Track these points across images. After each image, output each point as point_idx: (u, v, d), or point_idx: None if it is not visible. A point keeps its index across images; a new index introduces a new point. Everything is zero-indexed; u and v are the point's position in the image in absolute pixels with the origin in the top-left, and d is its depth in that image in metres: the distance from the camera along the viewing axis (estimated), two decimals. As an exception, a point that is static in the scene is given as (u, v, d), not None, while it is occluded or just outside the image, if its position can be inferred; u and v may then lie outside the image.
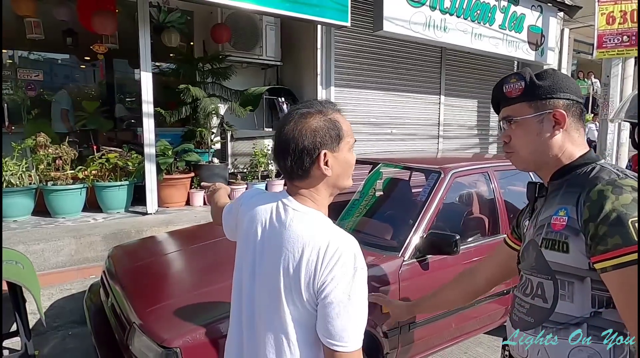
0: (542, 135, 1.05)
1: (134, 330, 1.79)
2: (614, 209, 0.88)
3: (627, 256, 0.85)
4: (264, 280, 1.03)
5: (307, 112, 1.02)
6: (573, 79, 1.09)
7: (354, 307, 0.94)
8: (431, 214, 2.38)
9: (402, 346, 2.19)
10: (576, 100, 1.05)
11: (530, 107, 1.06)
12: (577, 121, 1.06)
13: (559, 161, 1.06)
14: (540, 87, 1.05)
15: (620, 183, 0.92)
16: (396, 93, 6.92)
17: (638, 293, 0.84)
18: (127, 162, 4.75)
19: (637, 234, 0.85)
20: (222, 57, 5.59)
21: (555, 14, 7.75)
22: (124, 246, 2.96)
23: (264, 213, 1.08)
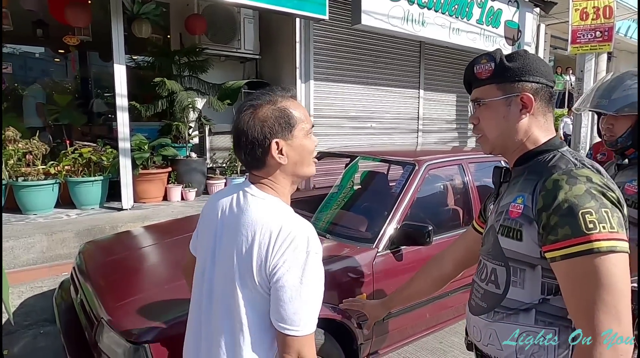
0: (509, 118, 1.04)
1: (102, 326, 1.75)
2: (566, 200, 0.87)
3: (575, 247, 0.85)
4: (221, 265, 1.04)
5: (257, 103, 1.03)
6: (545, 62, 1.06)
7: (307, 291, 0.94)
8: (405, 205, 2.39)
9: (377, 337, 2.20)
10: (545, 84, 1.03)
11: (498, 89, 1.05)
12: (546, 105, 1.05)
13: (523, 146, 1.05)
14: (509, 70, 1.03)
15: (576, 173, 0.91)
16: (376, 87, 6.94)
17: (587, 283, 0.84)
18: (102, 157, 4.64)
19: (585, 225, 0.84)
20: (199, 50, 5.51)
21: (531, 10, 7.88)
22: (96, 242, 2.90)
23: (225, 201, 1.09)
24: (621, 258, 0.84)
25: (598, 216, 0.85)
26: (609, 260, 0.83)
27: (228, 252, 1.01)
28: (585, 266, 0.84)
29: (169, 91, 5.08)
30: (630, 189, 1.51)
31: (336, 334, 2.00)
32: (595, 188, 0.88)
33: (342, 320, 1.99)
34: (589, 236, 0.84)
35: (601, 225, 0.84)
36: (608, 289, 0.82)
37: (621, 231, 0.86)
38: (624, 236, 0.85)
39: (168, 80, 5.03)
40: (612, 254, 0.83)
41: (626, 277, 0.84)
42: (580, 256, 0.85)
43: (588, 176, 0.90)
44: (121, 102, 4.45)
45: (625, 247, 0.84)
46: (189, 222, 3.21)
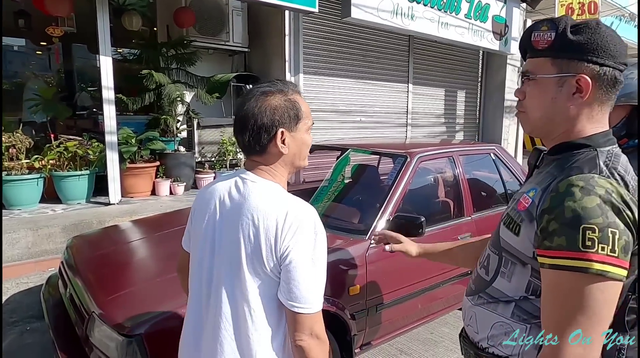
0: (557, 101, 0.91)
1: (93, 320, 1.73)
2: (573, 209, 0.79)
3: (565, 261, 0.79)
4: (224, 252, 1.03)
5: (269, 90, 1.05)
6: (620, 40, 0.88)
7: (317, 270, 0.99)
8: (398, 197, 2.40)
9: (370, 328, 2.21)
10: (612, 66, 0.87)
11: (553, 65, 0.90)
12: (606, 93, 0.89)
13: (565, 135, 0.93)
14: (571, 44, 0.88)
15: (595, 182, 0.81)
16: (365, 81, 6.94)
17: (567, 299, 0.80)
18: (88, 151, 4.57)
19: (583, 241, 0.77)
20: (186, 43, 5.43)
21: (518, 5, 7.95)
22: (84, 236, 2.85)
23: (222, 190, 1.09)
24: (610, 285, 0.78)
25: (601, 236, 0.77)
26: (596, 284, 0.77)
27: (231, 239, 1.01)
28: (571, 282, 0.79)
29: (156, 84, 5.00)
30: None
31: (330, 326, 2.01)
32: (611, 203, 0.78)
33: (336, 312, 2.00)
34: (583, 253, 0.77)
35: (601, 245, 0.77)
36: (586, 313, 0.78)
37: (623, 256, 0.78)
38: (623, 263, 0.78)
39: (155, 73, 4.96)
40: (601, 278, 0.77)
41: (609, 306, 0.79)
42: (569, 271, 0.79)
43: (608, 188, 0.80)
44: (107, 95, 4.37)
45: (620, 275, 0.77)
46: (178, 216, 3.18)
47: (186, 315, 1.15)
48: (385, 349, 2.65)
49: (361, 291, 2.12)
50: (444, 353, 2.65)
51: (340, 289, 2.06)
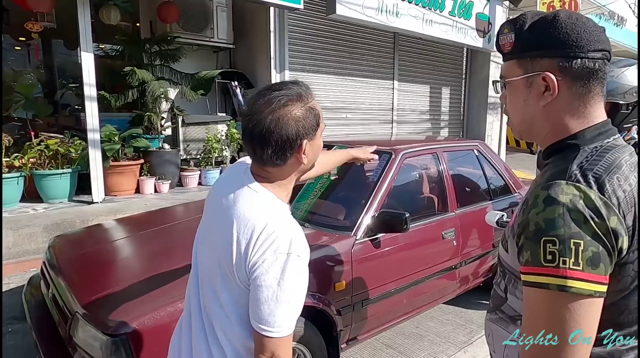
0: (529, 103, 0.85)
1: (77, 320, 1.71)
2: (536, 222, 0.74)
3: (530, 276, 0.74)
4: (209, 253, 1.03)
5: (289, 100, 0.95)
6: (589, 24, 0.81)
7: (284, 294, 0.90)
8: (383, 193, 2.42)
9: (356, 323, 2.23)
10: (582, 57, 0.79)
11: (519, 66, 0.85)
12: (582, 85, 0.81)
13: (553, 135, 0.86)
14: (530, 41, 0.83)
15: (560, 190, 0.74)
16: (351, 78, 6.96)
17: (532, 316, 0.75)
18: (70, 149, 4.49)
19: (544, 256, 0.71)
20: (170, 39, 5.37)
21: (501, 2, 8.05)
22: (67, 236, 2.81)
23: (225, 187, 1.06)
24: (577, 301, 0.70)
25: (562, 248, 0.70)
26: (561, 301, 0.70)
27: (214, 241, 1.00)
28: (537, 300, 0.73)
29: (139, 81, 4.94)
30: None
31: (316, 321, 2.02)
32: (576, 212, 0.71)
33: (322, 308, 2.01)
34: (545, 268, 0.71)
35: (562, 258, 0.70)
36: (551, 331, 0.71)
37: (590, 269, 0.69)
38: (591, 277, 0.69)
39: (138, 69, 4.89)
40: (565, 295, 0.70)
41: (582, 323, 0.70)
42: (534, 288, 0.73)
43: (575, 195, 0.72)
44: (89, 92, 4.30)
45: (588, 289, 0.69)
46: (163, 214, 3.16)
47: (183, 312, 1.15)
48: (371, 344, 2.68)
49: (347, 287, 2.14)
50: (429, 347, 2.69)
51: (327, 285, 2.08)
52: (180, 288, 1.81)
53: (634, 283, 0.76)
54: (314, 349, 2.02)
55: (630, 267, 0.75)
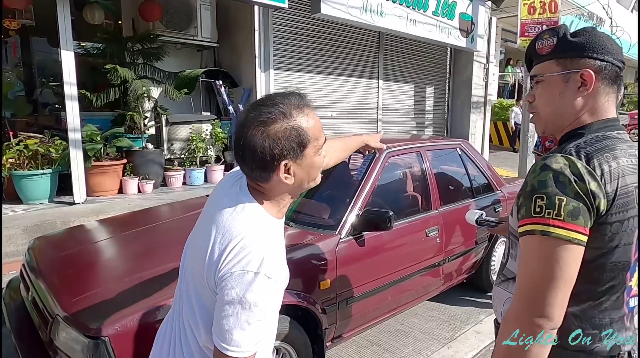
0: (565, 95, 1.00)
1: (57, 323, 1.68)
2: (531, 183, 0.90)
3: (524, 227, 0.89)
4: (191, 255, 1.02)
5: (268, 118, 0.91)
6: (615, 41, 1.00)
7: (245, 314, 0.86)
8: (367, 192, 2.44)
9: (341, 321, 2.25)
10: (611, 62, 0.97)
11: (558, 65, 1.00)
12: (609, 85, 0.98)
13: (571, 125, 1.02)
14: (571, 44, 0.99)
15: (555, 160, 0.90)
16: (336, 77, 6.98)
17: (525, 260, 0.90)
18: (50, 149, 4.40)
19: (534, 208, 0.87)
20: (153, 37, 5.31)
21: (483, 3, 8.16)
22: (48, 237, 2.75)
23: (219, 194, 1.05)
24: (558, 245, 0.85)
25: (548, 202, 0.86)
26: (545, 245, 0.86)
27: (197, 244, 1.00)
28: (527, 245, 0.89)
29: (121, 79, 4.87)
30: None
31: (301, 320, 2.03)
32: (563, 176, 0.87)
33: (307, 307, 2.02)
34: (534, 218, 0.87)
35: (547, 210, 0.86)
36: (541, 271, 0.86)
37: (570, 220, 0.85)
38: (570, 226, 0.85)
39: (120, 68, 4.82)
40: (548, 239, 0.85)
41: (560, 265, 0.85)
42: (526, 235, 0.89)
43: (564, 164, 0.89)
44: (70, 90, 4.22)
45: (567, 236, 0.84)
46: (146, 214, 3.12)
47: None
48: (356, 341, 2.70)
49: (332, 286, 2.15)
50: (413, 343, 2.72)
51: (311, 284, 2.08)
52: (162, 289, 1.80)
53: (610, 243, 0.90)
54: (299, 348, 2.02)
55: (608, 228, 0.89)
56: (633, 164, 0.93)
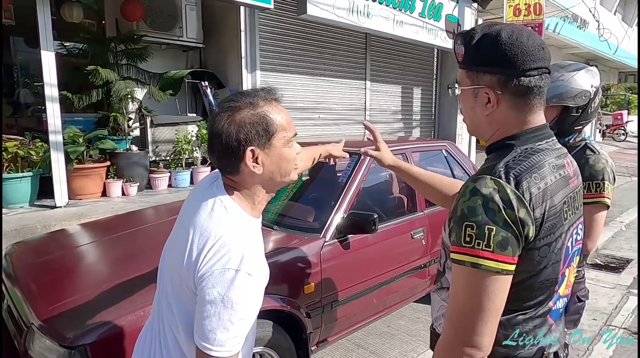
0: (476, 111, 0.95)
1: (32, 332, 1.63)
2: (461, 209, 0.85)
3: (455, 255, 0.86)
4: (169, 257, 1.01)
5: (235, 105, 0.95)
6: (523, 46, 0.87)
7: (227, 312, 0.86)
8: (352, 195, 2.42)
9: (326, 325, 2.23)
10: (517, 75, 0.88)
11: (468, 77, 0.94)
12: (520, 99, 0.90)
13: (493, 137, 0.97)
14: (476, 57, 0.91)
15: (484, 183, 0.85)
16: (323, 78, 6.97)
17: (453, 288, 0.88)
18: (30, 151, 4.30)
19: (464, 238, 0.83)
20: (137, 37, 5.23)
21: (469, 5, 8.22)
22: (26, 242, 2.69)
23: (196, 195, 1.04)
24: (487, 276, 0.82)
25: (478, 232, 0.82)
26: (474, 276, 0.83)
27: (174, 248, 0.98)
28: (457, 275, 0.86)
29: (104, 80, 4.78)
30: None
31: (285, 325, 2.01)
32: (492, 202, 0.83)
33: (291, 311, 1.99)
34: (464, 248, 0.84)
35: (477, 240, 0.82)
36: (467, 300, 0.84)
37: (499, 251, 0.82)
38: (499, 257, 0.82)
39: (102, 69, 4.74)
40: (477, 271, 0.82)
41: (489, 296, 0.82)
42: (457, 264, 0.86)
43: (493, 189, 0.84)
44: (51, 92, 4.14)
45: (496, 268, 0.82)
46: (130, 218, 3.07)
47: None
48: (342, 344, 2.68)
49: (316, 289, 2.13)
50: (399, 346, 2.71)
51: (296, 288, 2.06)
52: (144, 295, 1.76)
53: (539, 266, 0.88)
54: (283, 353, 2.00)
55: (536, 253, 0.87)
56: (562, 178, 0.91)
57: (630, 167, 10.11)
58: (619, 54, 15.32)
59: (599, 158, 1.56)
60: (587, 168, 1.55)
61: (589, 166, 1.55)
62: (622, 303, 3.43)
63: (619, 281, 3.86)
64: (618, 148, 13.81)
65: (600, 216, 1.53)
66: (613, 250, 4.76)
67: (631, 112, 17.69)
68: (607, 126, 16.09)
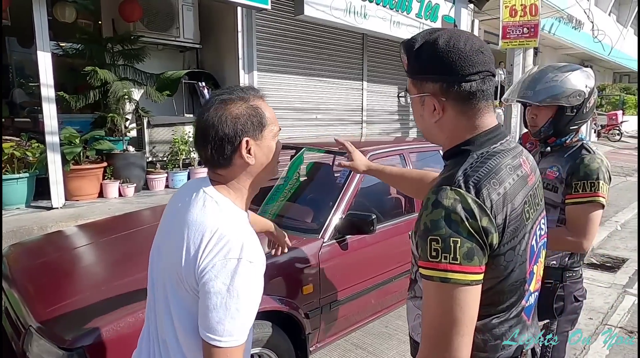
0: (425, 118, 0.95)
1: (30, 335, 1.63)
2: (424, 222, 0.84)
3: (422, 270, 0.84)
4: (162, 261, 1.00)
5: (228, 98, 0.98)
6: (464, 50, 0.87)
7: (234, 302, 0.87)
8: (350, 195, 2.43)
9: (324, 325, 2.23)
10: (458, 81, 0.88)
11: (414, 85, 0.95)
12: (465, 104, 0.90)
13: (446, 143, 0.97)
14: (417, 66, 0.92)
15: (445, 194, 0.84)
16: (320, 79, 6.97)
17: (426, 303, 0.86)
18: (26, 152, 4.29)
19: (430, 252, 0.82)
20: (134, 38, 5.21)
21: (466, 5, 8.26)
22: (23, 244, 2.68)
23: (182, 195, 1.04)
24: (456, 289, 0.81)
25: (444, 246, 0.81)
26: (444, 290, 0.82)
27: (167, 250, 0.98)
28: (427, 290, 0.85)
29: (101, 81, 4.77)
30: (550, 175, 1.64)
31: (284, 325, 2.01)
32: (455, 214, 0.82)
33: (289, 312, 2.00)
34: (431, 262, 0.82)
35: (444, 254, 0.81)
36: (439, 313, 0.83)
37: (466, 263, 0.81)
38: (466, 269, 0.81)
39: (100, 69, 4.73)
40: (447, 285, 0.81)
41: (461, 309, 0.82)
42: (425, 279, 0.84)
43: (455, 199, 0.83)
44: (47, 92, 4.12)
45: (464, 280, 0.81)
46: (127, 219, 3.06)
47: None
48: (340, 345, 2.69)
49: (315, 290, 2.13)
50: (397, 346, 2.72)
51: (294, 289, 2.07)
52: (142, 297, 1.76)
53: (506, 271, 0.88)
54: (281, 353, 2.00)
55: (502, 258, 0.86)
56: (520, 179, 0.90)
57: (625, 167, 10.18)
58: (613, 55, 15.42)
59: (594, 158, 1.57)
60: (582, 167, 1.56)
61: (584, 165, 1.56)
62: (618, 302, 3.45)
63: (615, 280, 3.88)
64: (613, 148, 13.90)
65: (595, 215, 1.54)
66: (609, 249, 4.79)
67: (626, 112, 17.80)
68: (602, 126, 16.18)
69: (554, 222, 1.63)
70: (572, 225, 1.55)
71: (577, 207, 1.54)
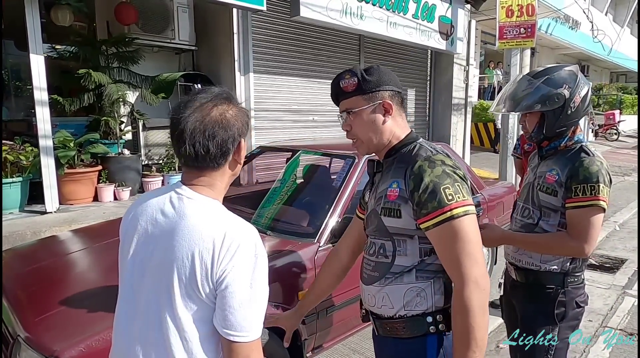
0: (376, 123, 1.24)
1: (18, 345, 1.58)
2: (431, 181, 1.12)
3: (441, 216, 1.10)
4: (155, 276, 0.95)
5: (223, 99, 0.99)
6: (392, 73, 1.28)
7: (256, 295, 0.92)
8: (346, 198, 2.39)
9: (321, 330, 2.19)
10: (397, 90, 1.26)
11: (364, 99, 1.23)
12: (400, 107, 1.28)
13: (390, 142, 1.27)
14: (370, 82, 1.22)
15: (434, 159, 1.16)
16: (317, 80, 6.94)
17: (454, 241, 1.10)
18: (20, 156, 4.24)
19: (447, 198, 1.10)
20: (128, 40, 5.17)
21: (462, 6, 8.24)
22: (15, 250, 2.64)
23: (154, 207, 1.00)
24: (473, 218, 1.12)
25: (454, 190, 1.11)
26: (465, 221, 1.10)
27: (163, 262, 0.93)
28: (451, 229, 1.09)
29: (96, 84, 4.73)
30: (550, 178, 1.60)
31: (279, 332, 1.97)
32: (448, 168, 1.14)
33: (285, 318, 1.95)
34: (450, 205, 1.09)
35: (457, 195, 1.11)
36: (467, 242, 1.09)
37: (469, 198, 1.13)
38: (472, 202, 1.14)
39: (94, 72, 4.68)
40: (466, 216, 1.10)
41: (477, 231, 1.12)
42: (447, 222, 1.09)
43: (442, 160, 1.16)
44: (40, 96, 4.08)
45: (474, 210, 1.13)
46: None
47: (113, 339, 1.07)
48: (338, 350, 2.65)
49: (311, 295, 2.09)
50: (396, 350, 2.68)
51: (290, 294, 2.03)
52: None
53: None
54: (277, 361, 1.96)
55: None
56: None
57: (622, 166, 10.18)
58: (612, 55, 15.45)
59: (594, 160, 1.53)
60: (581, 171, 1.52)
61: (584, 168, 1.52)
62: (618, 303, 3.43)
63: (614, 281, 3.86)
64: (611, 148, 13.92)
65: (596, 220, 1.51)
66: (607, 250, 4.77)
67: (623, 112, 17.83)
68: (600, 125, 16.20)
69: (555, 226, 1.60)
70: (573, 230, 1.52)
71: (577, 211, 1.51)
